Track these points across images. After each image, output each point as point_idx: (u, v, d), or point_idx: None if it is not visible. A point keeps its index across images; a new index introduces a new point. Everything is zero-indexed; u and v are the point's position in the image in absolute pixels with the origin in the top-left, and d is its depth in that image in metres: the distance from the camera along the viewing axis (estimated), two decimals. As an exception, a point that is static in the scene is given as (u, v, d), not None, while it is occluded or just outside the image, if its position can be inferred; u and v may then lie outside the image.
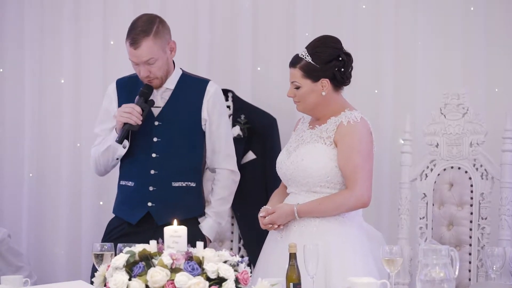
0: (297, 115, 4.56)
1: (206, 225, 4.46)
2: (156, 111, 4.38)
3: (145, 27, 4.29)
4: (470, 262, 4.60)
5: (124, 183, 4.45)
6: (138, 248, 3.23)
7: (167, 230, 3.25)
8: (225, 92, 5.38)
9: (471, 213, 4.63)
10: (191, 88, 4.40)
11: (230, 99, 5.37)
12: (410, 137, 4.86)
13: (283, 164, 4.16)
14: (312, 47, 4.11)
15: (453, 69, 5.23)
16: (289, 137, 4.32)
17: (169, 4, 5.63)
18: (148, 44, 4.27)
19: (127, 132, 4.32)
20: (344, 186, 4.06)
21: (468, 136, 4.69)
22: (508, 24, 5.16)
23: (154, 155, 4.38)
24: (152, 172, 4.37)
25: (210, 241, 4.48)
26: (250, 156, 5.29)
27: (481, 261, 4.54)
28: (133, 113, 4.29)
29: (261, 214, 4.13)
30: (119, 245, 3.54)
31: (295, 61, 4.12)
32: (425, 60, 5.27)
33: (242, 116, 5.29)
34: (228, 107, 5.37)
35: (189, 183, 4.42)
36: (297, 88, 4.11)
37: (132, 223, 4.39)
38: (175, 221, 3.31)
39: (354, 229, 4.06)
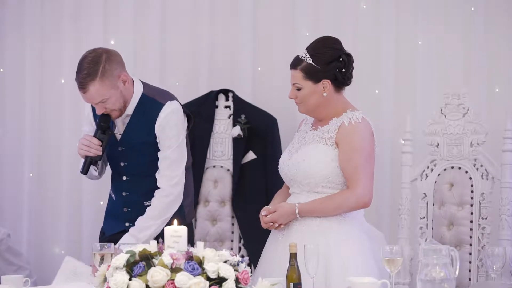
0: (298, 115, 4.56)
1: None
2: (119, 137, 4.39)
3: (91, 70, 4.17)
4: (470, 262, 4.60)
5: (111, 193, 4.52)
6: (138, 248, 3.23)
7: (167, 230, 3.25)
8: (226, 92, 5.39)
9: (472, 213, 4.63)
10: (147, 112, 4.32)
11: (230, 99, 5.38)
12: (411, 137, 4.86)
13: (285, 165, 4.16)
14: (313, 48, 4.10)
15: (453, 69, 5.22)
16: (289, 137, 4.32)
17: (170, 4, 5.63)
18: (96, 87, 4.18)
19: (89, 163, 4.34)
20: (346, 186, 4.06)
21: (468, 136, 4.69)
22: (508, 24, 5.16)
23: (124, 178, 4.40)
24: (124, 194, 4.39)
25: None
26: (251, 156, 5.29)
27: (481, 261, 4.54)
28: (91, 146, 4.28)
29: (262, 213, 4.13)
30: (121, 246, 3.55)
31: (296, 63, 4.11)
32: (425, 60, 5.27)
33: (243, 116, 5.30)
34: (229, 107, 5.37)
35: None
36: (298, 89, 4.11)
37: (106, 235, 4.42)
38: (175, 221, 3.31)
39: (355, 228, 4.06)
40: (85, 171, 4.34)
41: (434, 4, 5.27)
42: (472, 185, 4.64)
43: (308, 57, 4.08)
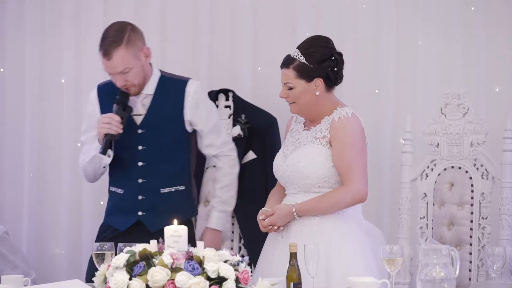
0: (297, 115, 4.55)
1: (212, 218, 4.45)
2: (138, 119, 4.36)
3: (116, 37, 4.23)
4: (470, 262, 4.60)
5: (114, 190, 4.47)
6: (138, 247, 3.23)
7: (167, 229, 3.25)
8: (226, 91, 5.38)
9: (472, 213, 4.63)
10: (171, 90, 4.35)
11: (230, 98, 5.37)
12: (411, 137, 4.86)
13: (280, 167, 4.15)
14: (305, 47, 4.11)
15: (453, 69, 5.22)
16: (289, 137, 4.31)
17: (170, 3, 5.63)
18: (121, 53, 4.23)
19: (109, 143, 4.31)
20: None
21: (468, 136, 4.69)
22: (508, 24, 5.16)
23: (140, 163, 4.38)
24: (140, 181, 4.36)
25: (220, 232, 4.46)
26: (251, 155, 5.29)
27: (481, 260, 4.54)
28: (112, 123, 4.27)
29: (260, 217, 4.12)
30: (120, 244, 3.54)
31: (288, 62, 4.12)
32: (425, 60, 5.26)
33: (243, 116, 5.29)
34: (229, 106, 5.37)
35: (178, 187, 4.38)
36: (290, 89, 4.11)
37: (120, 230, 4.39)
38: (175, 221, 3.32)
39: (354, 226, 4.07)
40: (104, 150, 4.31)
41: (434, 4, 5.27)
42: (472, 185, 4.64)
43: (301, 56, 4.08)
